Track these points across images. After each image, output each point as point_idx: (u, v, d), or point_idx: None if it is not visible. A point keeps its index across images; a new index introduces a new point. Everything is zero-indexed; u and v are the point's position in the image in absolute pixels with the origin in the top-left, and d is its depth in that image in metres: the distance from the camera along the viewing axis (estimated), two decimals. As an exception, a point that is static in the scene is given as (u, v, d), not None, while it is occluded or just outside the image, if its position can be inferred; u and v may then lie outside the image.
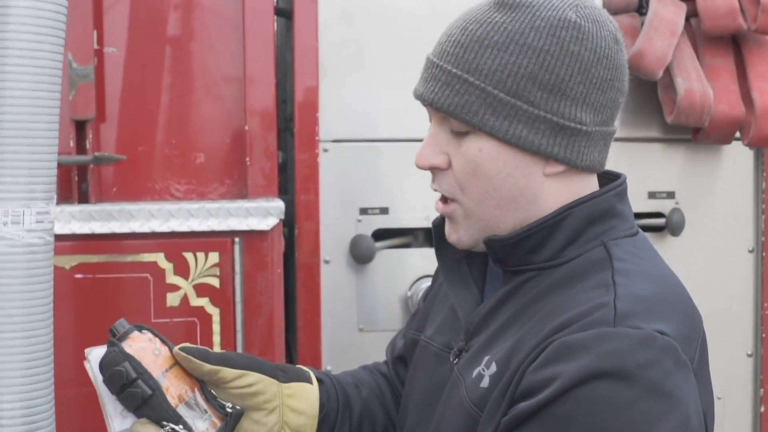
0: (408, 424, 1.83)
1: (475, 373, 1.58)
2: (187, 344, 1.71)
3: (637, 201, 3.16)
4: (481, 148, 1.55)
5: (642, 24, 3.01)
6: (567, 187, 1.60)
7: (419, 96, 1.62)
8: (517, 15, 1.53)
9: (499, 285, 1.67)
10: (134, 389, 1.66)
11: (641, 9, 3.11)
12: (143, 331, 1.74)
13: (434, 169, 1.63)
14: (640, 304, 1.46)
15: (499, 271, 1.68)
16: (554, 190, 1.59)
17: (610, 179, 1.69)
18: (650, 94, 3.13)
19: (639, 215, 3.17)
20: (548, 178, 1.58)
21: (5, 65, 1.85)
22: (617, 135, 3.05)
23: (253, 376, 1.74)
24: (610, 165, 3.06)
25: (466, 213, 1.61)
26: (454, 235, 1.66)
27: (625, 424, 1.35)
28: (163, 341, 1.74)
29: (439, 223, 1.75)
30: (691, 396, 1.43)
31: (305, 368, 1.91)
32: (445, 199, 1.65)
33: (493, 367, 1.54)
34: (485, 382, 1.54)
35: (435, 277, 2.01)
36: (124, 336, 1.72)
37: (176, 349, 1.71)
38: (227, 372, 1.71)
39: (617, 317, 1.42)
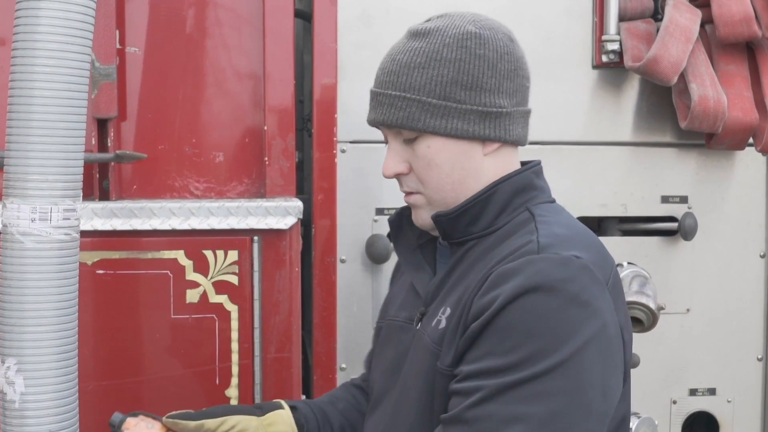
0: (375, 394, 2.14)
1: (434, 322, 1.92)
2: (172, 412, 2.12)
3: (650, 205, 3.19)
4: (429, 146, 1.94)
5: (657, 30, 3.03)
6: (503, 161, 2.00)
7: (373, 122, 2.01)
8: (430, 39, 1.94)
9: (444, 263, 2.05)
10: None
11: (657, 15, 3.14)
12: (137, 415, 2.14)
13: (399, 175, 2.01)
14: (558, 239, 1.83)
15: (446, 252, 2.05)
16: (493, 166, 1.99)
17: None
18: (664, 99, 3.15)
19: (652, 219, 3.20)
20: (486, 157, 1.97)
21: (35, 65, 1.88)
22: (631, 139, 3.13)
23: (233, 419, 2.13)
24: (625, 167, 3.10)
25: (429, 200, 1.99)
26: (419, 219, 2.04)
27: (553, 328, 1.70)
28: (153, 418, 2.13)
29: (394, 219, 2.15)
30: (607, 308, 1.78)
31: (278, 401, 2.28)
32: (409, 194, 2.02)
33: (447, 311, 1.90)
34: (442, 324, 1.89)
35: (394, 274, 2.38)
36: (120, 424, 2.11)
37: (164, 419, 2.10)
38: (210, 422, 2.10)
39: (540, 247, 1.79)
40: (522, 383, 1.68)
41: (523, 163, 2.07)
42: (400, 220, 2.15)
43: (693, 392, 3.27)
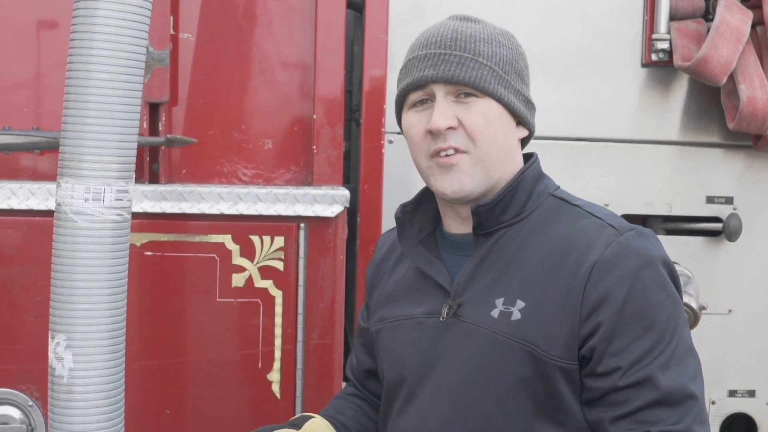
0: (404, 393, 2.13)
1: (493, 314, 1.98)
2: None
3: (695, 205, 3.18)
4: (489, 107, 2.01)
5: (708, 30, 3.02)
6: (520, 151, 2.13)
7: (432, 77, 2.00)
8: (482, 25, 2.07)
9: (453, 256, 2.11)
10: None
11: (708, 15, 3.12)
12: None
13: (448, 129, 2.00)
14: (615, 217, 2.03)
15: (454, 244, 2.12)
16: (518, 153, 2.11)
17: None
18: (712, 99, 3.14)
19: (696, 219, 3.19)
20: (517, 143, 2.10)
21: (93, 48, 1.92)
22: (678, 138, 3.13)
23: None
24: (671, 166, 3.10)
25: (475, 161, 2.02)
26: (457, 183, 2.02)
27: (669, 291, 1.93)
28: None
29: (399, 216, 2.17)
30: None
31: (304, 414, 2.33)
32: (451, 155, 2.01)
33: (520, 303, 1.95)
34: (516, 315, 1.95)
35: (372, 279, 2.37)
36: None
37: None
38: None
39: (617, 230, 1.95)
40: (675, 349, 1.89)
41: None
42: (403, 216, 2.18)
43: (732, 393, 3.26)
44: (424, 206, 2.18)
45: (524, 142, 2.16)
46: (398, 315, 2.18)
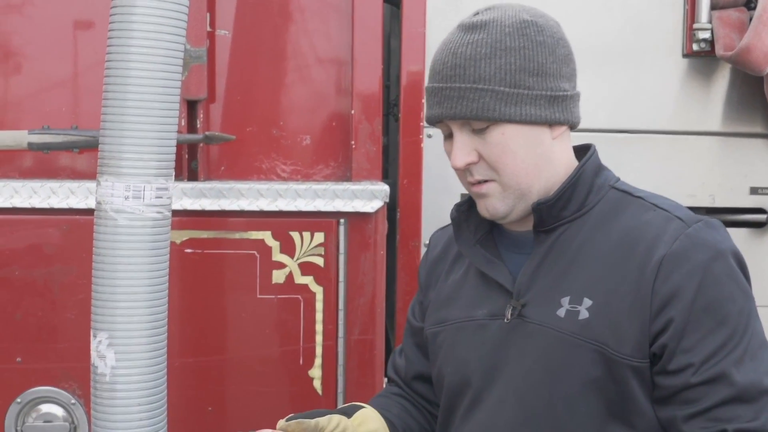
0: (472, 393, 2.05)
1: (559, 313, 1.92)
2: (284, 421, 2.03)
3: (739, 196, 3.14)
4: (503, 133, 1.92)
5: (750, 19, 2.98)
6: (566, 144, 2.03)
7: (439, 117, 1.96)
8: (488, 30, 1.94)
9: (513, 254, 2.06)
10: None
11: (750, 4, 3.08)
12: None
13: (469, 165, 1.96)
14: (681, 209, 1.97)
15: (513, 242, 2.07)
16: (560, 149, 2.01)
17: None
18: (755, 89, 3.10)
19: (739, 210, 3.15)
20: (555, 141, 1.98)
21: (131, 46, 1.92)
22: (721, 129, 3.10)
23: (336, 417, 2.06)
24: (714, 158, 3.06)
25: (503, 187, 1.96)
26: (491, 208, 1.99)
27: (740, 284, 1.88)
28: None
29: (455, 216, 2.10)
30: None
31: (353, 403, 2.24)
32: (480, 184, 1.97)
33: (587, 301, 1.90)
34: (584, 314, 1.90)
35: (428, 278, 2.30)
36: None
37: (283, 424, 2.01)
38: (323, 420, 2.02)
39: (685, 222, 1.90)
40: (749, 343, 1.85)
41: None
42: (459, 216, 2.11)
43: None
44: None
45: (573, 128, 2.07)
46: (458, 317, 2.11)
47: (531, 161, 1.95)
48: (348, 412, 2.13)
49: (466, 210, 2.10)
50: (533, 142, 1.95)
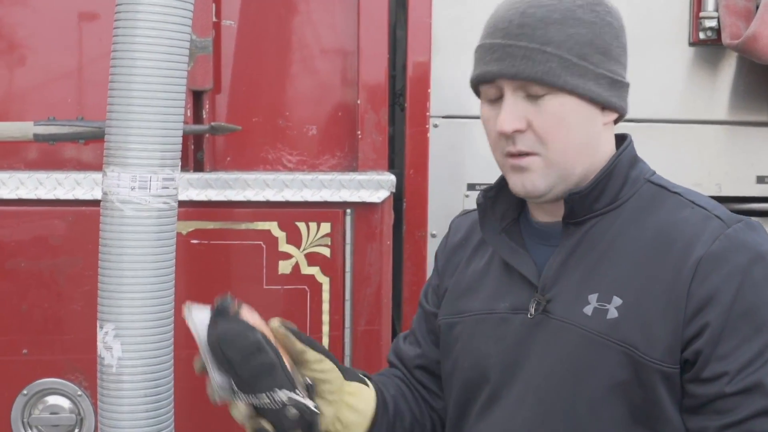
0: (490, 389, 1.95)
1: (586, 311, 1.82)
2: (282, 320, 1.88)
3: (745, 185, 3.14)
4: (562, 104, 1.80)
5: (757, 7, 2.97)
6: (611, 134, 1.93)
7: (497, 74, 1.82)
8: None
9: (539, 245, 1.95)
10: (264, 359, 1.76)
11: (757, -8, 3.08)
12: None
13: (515, 132, 1.82)
14: (720, 208, 1.86)
15: (539, 233, 1.96)
16: (606, 138, 1.91)
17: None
18: (762, 78, 3.09)
19: (746, 199, 3.15)
20: (604, 127, 1.89)
21: (137, 36, 1.92)
22: (727, 118, 3.09)
23: (328, 364, 1.91)
24: (720, 146, 3.05)
25: (547, 163, 1.84)
26: (529, 184, 1.86)
27: None
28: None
29: (482, 202, 2.00)
30: None
31: (360, 373, 2.09)
32: (521, 156, 1.84)
33: (617, 300, 1.79)
34: (613, 314, 1.79)
35: (444, 265, 2.21)
36: (238, 308, 1.87)
37: (276, 324, 1.85)
38: (311, 354, 1.88)
39: (724, 222, 1.79)
40: None
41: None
42: (485, 202, 2.00)
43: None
44: (507, 191, 1.97)
45: (617, 121, 1.96)
46: (478, 309, 2.02)
47: (582, 140, 1.85)
48: (347, 374, 2.00)
49: (494, 197, 2.00)
50: (588, 120, 1.85)
